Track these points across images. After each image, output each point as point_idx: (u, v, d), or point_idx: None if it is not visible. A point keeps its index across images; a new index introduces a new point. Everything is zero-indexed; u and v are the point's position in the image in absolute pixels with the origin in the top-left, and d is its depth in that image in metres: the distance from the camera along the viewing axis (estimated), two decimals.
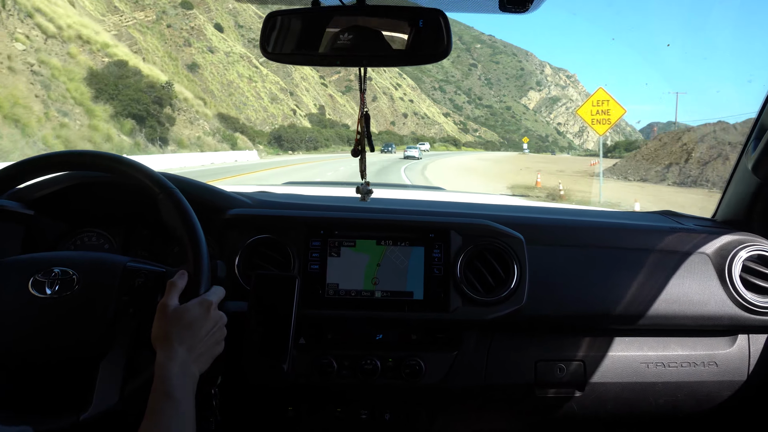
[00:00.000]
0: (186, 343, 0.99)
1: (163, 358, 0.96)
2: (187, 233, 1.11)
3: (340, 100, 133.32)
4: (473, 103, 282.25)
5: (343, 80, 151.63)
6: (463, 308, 1.41)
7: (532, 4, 1.14)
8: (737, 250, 1.55)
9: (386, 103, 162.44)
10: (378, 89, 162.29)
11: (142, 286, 1.10)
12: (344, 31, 1.09)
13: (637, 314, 1.49)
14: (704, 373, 1.53)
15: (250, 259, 1.43)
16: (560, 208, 2.10)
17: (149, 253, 1.53)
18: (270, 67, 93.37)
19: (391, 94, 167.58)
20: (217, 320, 1.07)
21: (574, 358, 1.51)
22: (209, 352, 1.04)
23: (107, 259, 1.14)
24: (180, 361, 0.97)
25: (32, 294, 1.04)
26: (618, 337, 1.54)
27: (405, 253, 1.43)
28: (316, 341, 1.44)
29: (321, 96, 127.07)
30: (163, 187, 1.14)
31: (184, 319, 1.01)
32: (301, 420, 1.49)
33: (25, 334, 1.03)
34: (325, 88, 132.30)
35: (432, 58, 1.11)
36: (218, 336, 1.07)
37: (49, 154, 1.17)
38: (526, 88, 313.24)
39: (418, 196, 2.41)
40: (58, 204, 1.44)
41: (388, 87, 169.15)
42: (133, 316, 1.08)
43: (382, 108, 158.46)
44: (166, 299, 1.03)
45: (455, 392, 1.47)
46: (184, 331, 1.00)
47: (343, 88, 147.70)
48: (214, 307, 1.07)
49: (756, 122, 1.64)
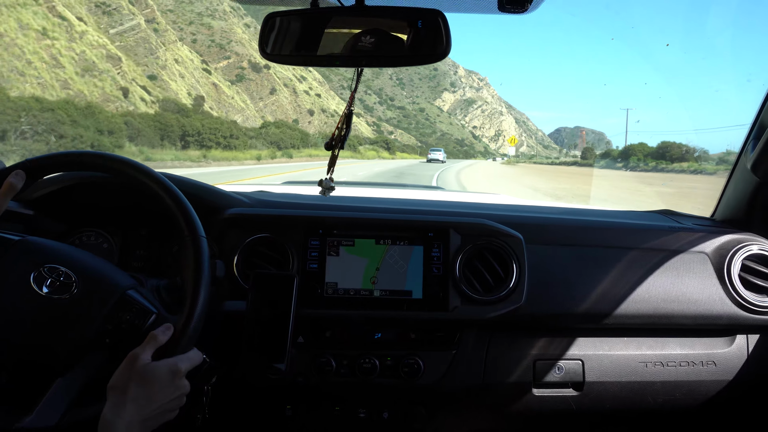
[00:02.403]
0: (138, 404, 0.95)
1: (110, 414, 0.93)
2: (193, 285, 1.08)
3: (228, 90, 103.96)
4: (385, 104, 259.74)
5: (233, 67, 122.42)
6: (462, 307, 1.42)
7: (530, 5, 1.15)
8: (736, 250, 1.55)
9: (287, 97, 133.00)
10: (278, 80, 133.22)
11: (127, 322, 1.07)
12: (343, 31, 1.11)
13: (636, 313, 1.49)
14: (703, 373, 1.53)
15: (248, 259, 1.43)
16: (559, 207, 2.09)
17: (147, 252, 1.52)
18: (101, 25, 65.61)
19: (294, 86, 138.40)
20: (179, 388, 1.02)
21: (573, 358, 1.52)
22: (159, 417, 1.00)
23: (111, 277, 1.11)
24: (126, 422, 0.93)
25: (31, 286, 1.03)
26: (617, 337, 1.54)
27: (404, 253, 1.44)
28: (314, 340, 1.44)
29: (203, 84, 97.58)
30: (193, 230, 1.11)
31: (147, 379, 0.97)
32: (299, 419, 1.49)
33: (10, 321, 1.02)
34: (207, 75, 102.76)
35: (431, 58, 1.11)
36: (174, 404, 1.03)
37: (56, 154, 1.14)
38: (440, 90, 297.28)
39: (417, 196, 2.37)
40: (57, 203, 1.44)
41: (291, 78, 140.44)
42: (107, 347, 1.06)
43: (281, 102, 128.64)
44: (140, 351, 1.00)
45: (454, 391, 1.48)
46: (141, 391, 0.96)
47: (233, 77, 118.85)
48: (182, 375, 1.03)
49: (755, 122, 1.64)
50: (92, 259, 1.15)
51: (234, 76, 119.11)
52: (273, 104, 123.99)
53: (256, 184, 2.26)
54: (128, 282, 1.12)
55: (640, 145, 43.32)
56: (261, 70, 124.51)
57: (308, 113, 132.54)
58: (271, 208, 1.56)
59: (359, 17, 1.11)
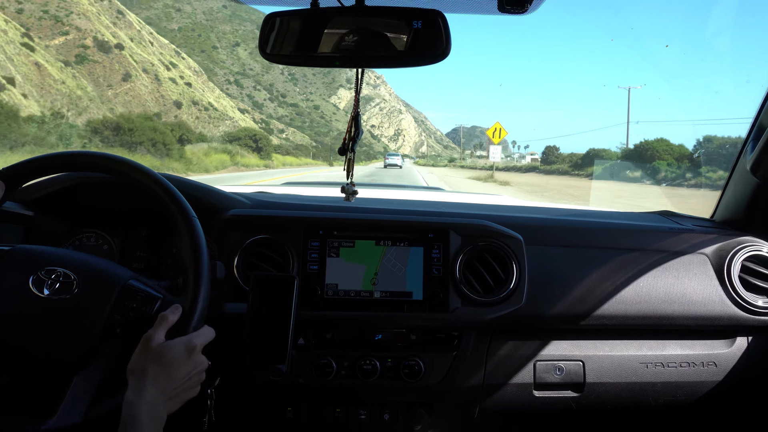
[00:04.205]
0: (159, 383, 0.96)
1: (132, 396, 0.93)
2: (194, 267, 1.09)
3: (57, 74, 77.90)
4: (276, 101, 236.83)
5: (72, 45, 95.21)
6: (462, 308, 1.42)
7: (531, 5, 1.14)
8: (736, 251, 1.55)
9: (147, 85, 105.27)
10: (134, 63, 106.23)
11: (134, 310, 1.08)
12: (343, 32, 1.11)
13: (637, 314, 1.50)
14: (703, 374, 1.53)
15: (248, 260, 1.43)
16: (559, 208, 2.08)
17: (148, 254, 1.52)
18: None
19: (157, 72, 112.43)
20: (197, 364, 1.03)
21: (573, 359, 1.51)
22: (182, 395, 1.02)
23: (110, 271, 1.12)
24: (149, 402, 0.93)
25: (30, 290, 1.03)
26: (617, 338, 1.54)
27: (404, 254, 1.44)
28: (315, 342, 1.44)
29: (19, 64, 71.37)
30: (186, 216, 1.12)
31: (164, 358, 0.97)
32: (300, 420, 1.49)
33: (13, 327, 1.02)
34: (29, 53, 76.30)
35: (431, 58, 1.11)
36: (195, 381, 1.04)
37: (55, 154, 1.14)
38: (336, 86, 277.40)
39: (417, 197, 2.34)
40: (57, 205, 1.44)
41: (153, 64, 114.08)
42: (119, 336, 1.07)
43: (138, 91, 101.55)
44: (153, 332, 1.01)
45: (454, 392, 1.47)
46: (161, 371, 0.96)
47: (73, 58, 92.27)
48: (197, 350, 1.03)
49: (754, 123, 1.64)
50: (89, 257, 1.16)
51: (73, 57, 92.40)
52: (127, 93, 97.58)
53: (256, 185, 2.21)
54: (129, 273, 1.13)
55: (659, 143, 28.51)
56: (111, 51, 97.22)
57: (175, 105, 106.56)
58: (271, 210, 1.56)
59: (359, 17, 1.11)
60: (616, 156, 36.00)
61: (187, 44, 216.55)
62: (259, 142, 43.00)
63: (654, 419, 1.68)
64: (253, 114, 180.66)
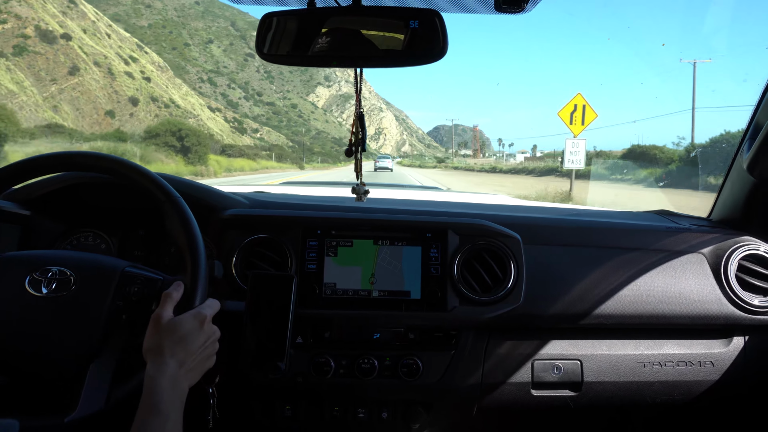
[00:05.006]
0: (177, 357, 0.97)
1: (153, 371, 0.94)
2: (187, 243, 1.10)
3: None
4: (251, 100, 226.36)
5: (10, 35, 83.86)
6: (461, 308, 1.42)
7: (527, 4, 1.15)
8: (733, 250, 1.56)
9: (98, 80, 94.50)
10: (83, 56, 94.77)
11: (137, 294, 1.09)
12: (340, 32, 1.11)
13: (634, 313, 1.50)
14: (700, 373, 1.54)
15: (247, 259, 1.43)
16: (557, 207, 2.08)
17: (145, 253, 1.52)
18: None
19: (111, 66, 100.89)
20: (210, 334, 1.05)
21: (571, 358, 1.52)
22: (200, 366, 1.03)
23: (106, 262, 1.13)
24: (170, 375, 0.94)
25: (28, 292, 1.04)
26: (614, 337, 1.55)
27: (402, 253, 1.44)
28: (313, 340, 1.45)
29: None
30: (167, 194, 1.13)
31: (177, 332, 0.99)
32: (298, 419, 1.49)
33: (17, 332, 1.02)
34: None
35: (428, 58, 1.10)
36: (210, 350, 1.06)
37: (50, 154, 1.14)
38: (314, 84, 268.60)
39: (416, 196, 2.34)
40: (54, 204, 1.44)
41: (107, 56, 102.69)
42: (126, 322, 1.08)
43: (88, 86, 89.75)
44: (160, 310, 1.02)
45: (452, 391, 1.48)
46: (176, 345, 0.98)
47: (10, 49, 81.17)
48: (208, 320, 1.05)
49: (750, 122, 1.64)
50: (82, 253, 1.17)
51: (10, 48, 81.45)
52: (74, 88, 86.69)
53: (254, 185, 2.23)
54: (124, 262, 1.14)
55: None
56: (56, 41, 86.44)
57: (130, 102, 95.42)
58: (269, 209, 1.56)
59: (356, 17, 1.11)
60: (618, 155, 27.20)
61: (157, 41, 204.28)
62: (186, 140, 31.01)
63: (651, 418, 1.70)
64: (225, 113, 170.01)
